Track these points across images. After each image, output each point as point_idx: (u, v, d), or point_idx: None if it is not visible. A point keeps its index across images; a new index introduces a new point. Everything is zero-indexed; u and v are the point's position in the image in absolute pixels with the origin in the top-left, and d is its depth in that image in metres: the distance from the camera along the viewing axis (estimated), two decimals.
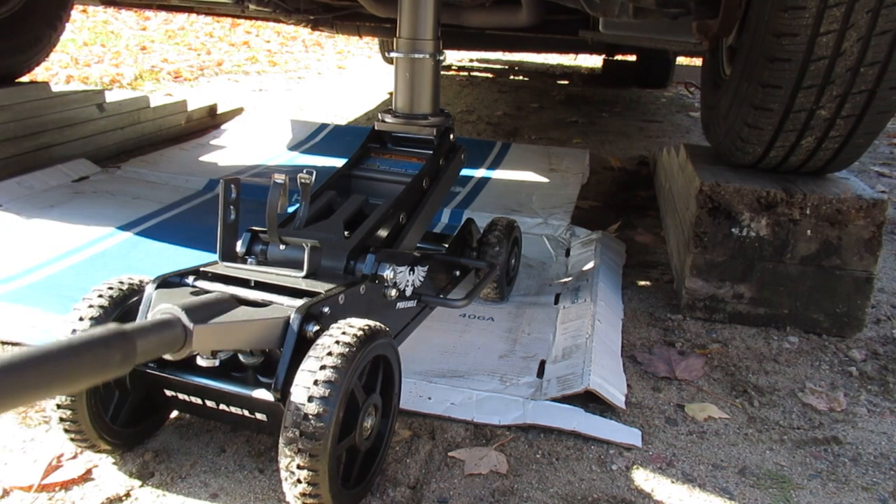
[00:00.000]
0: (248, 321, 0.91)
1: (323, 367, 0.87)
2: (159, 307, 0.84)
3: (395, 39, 1.44)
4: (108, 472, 1.03)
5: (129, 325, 0.74)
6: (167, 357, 0.83)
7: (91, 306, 0.97)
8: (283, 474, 0.87)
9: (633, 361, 1.42)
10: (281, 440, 0.86)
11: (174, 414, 1.15)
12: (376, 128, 1.48)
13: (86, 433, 0.98)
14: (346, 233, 1.22)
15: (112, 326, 0.70)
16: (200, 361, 0.92)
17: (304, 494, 0.87)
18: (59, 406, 0.96)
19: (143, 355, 0.75)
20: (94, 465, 1.04)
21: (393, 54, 1.46)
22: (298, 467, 0.86)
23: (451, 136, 1.49)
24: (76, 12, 6.60)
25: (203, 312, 0.85)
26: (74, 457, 1.05)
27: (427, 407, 1.20)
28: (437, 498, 1.02)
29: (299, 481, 0.86)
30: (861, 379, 1.40)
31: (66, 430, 0.98)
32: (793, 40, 1.37)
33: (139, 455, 1.06)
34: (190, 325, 0.81)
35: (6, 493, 0.98)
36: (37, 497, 0.98)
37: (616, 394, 1.25)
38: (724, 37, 1.85)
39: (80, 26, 6.58)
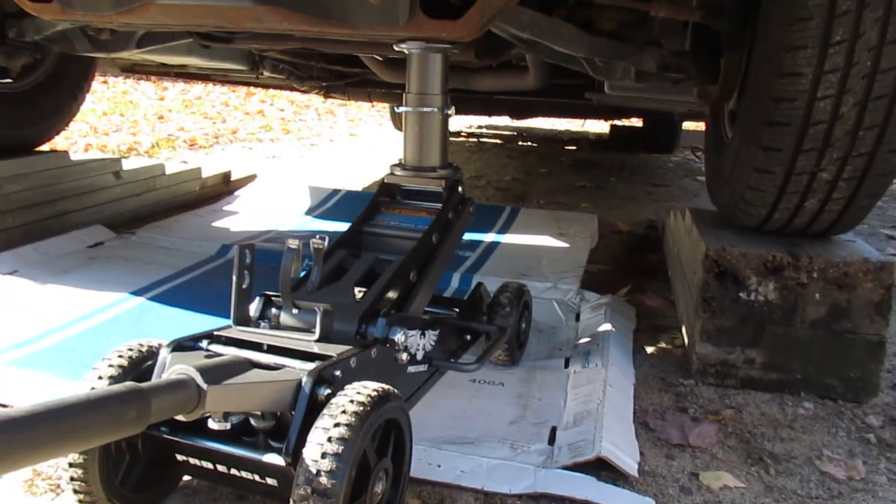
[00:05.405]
0: (261, 383, 0.92)
1: (337, 425, 0.87)
2: (174, 367, 0.85)
3: (404, 95, 1.47)
4: None
5: (144, 384, 0.75)
6: (180, 418, 0.84)
7: (111, 366, 0.99)
8: None
9: (646, 428, 1.40)
10: (292, 499, 0.86)
11: (182, 481, 1.14)
12: (386, 181, 1.50)
13: (95, 495, 0.98)
14: (358, 291, 1.22)
15: (128, 384, 0.71)
16: (212, 424, 0.92)
17: None
18: (70, 465, 0.96)
19: (157, 414, 0.75)
20: None
21: (402, 109, 1.48)
22: None
23: (460, 189, 1.51)
24: (97, 83, 6.82)
25: (217, 373, 0.86)
26: None
27: (436, 475, 1.19)
28: None
29: None
30: (879, 446, 1.38)
31: (76, 492, 0.98)
32: (791, 105, 1.40)
33: None
34: (204, 385, 0.82)
35: None
36: None
37: (628, 461, 1.23)
38: (725, 101, 1.89)
39: (101, 97, 6.79)
